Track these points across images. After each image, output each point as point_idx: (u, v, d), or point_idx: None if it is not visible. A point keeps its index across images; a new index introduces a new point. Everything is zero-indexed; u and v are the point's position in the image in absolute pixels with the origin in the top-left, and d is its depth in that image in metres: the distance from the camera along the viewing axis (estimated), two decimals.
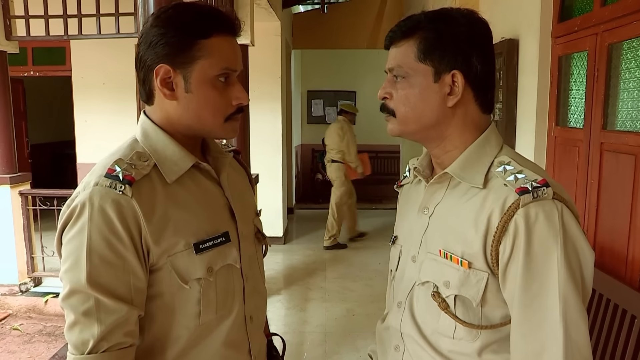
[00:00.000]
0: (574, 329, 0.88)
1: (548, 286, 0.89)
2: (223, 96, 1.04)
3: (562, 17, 2.90)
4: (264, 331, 1.32)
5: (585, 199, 2.58)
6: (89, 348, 0.93)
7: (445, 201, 1.04)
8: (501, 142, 1.06)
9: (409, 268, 1.09)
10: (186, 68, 1.01)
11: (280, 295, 4.74)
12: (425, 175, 1.12)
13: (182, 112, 1.04)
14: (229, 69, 1.03)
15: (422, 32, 0.99)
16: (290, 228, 7.41)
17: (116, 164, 0.98)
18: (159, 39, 1.00)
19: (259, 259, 1.25)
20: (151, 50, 1.01)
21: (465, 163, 1.02)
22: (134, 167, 0.99)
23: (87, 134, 6.26)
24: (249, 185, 1.31)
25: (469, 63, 1.00)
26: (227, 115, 1.06)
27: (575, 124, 2.75)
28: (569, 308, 0.88)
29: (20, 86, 7.30)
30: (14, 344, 3.97)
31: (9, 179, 4.40)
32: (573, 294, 0.89)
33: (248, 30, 4.23)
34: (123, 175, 0.96)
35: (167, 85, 1.03)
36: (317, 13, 8.04)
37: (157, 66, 1.01)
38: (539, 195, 0.90)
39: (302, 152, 10.09)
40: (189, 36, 1.00)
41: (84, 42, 5.59)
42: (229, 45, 1.04)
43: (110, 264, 0.95)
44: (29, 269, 4.64)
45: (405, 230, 1.14)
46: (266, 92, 6.31)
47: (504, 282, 0.94)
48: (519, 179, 0.94)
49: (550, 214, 0.90)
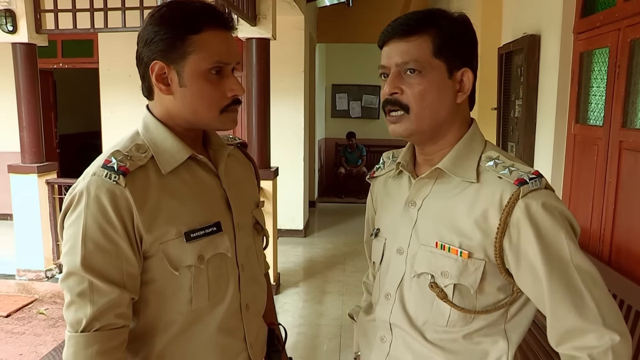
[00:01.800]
0: (596, 289, 0.94)
1: (565, 266, 0.94)
2: (217, 89, 1.06)
3: (585, 12, 2.85)
4: (267, 320, 1.35)
5: (602, 197, 2.54)
6: (82, 326, 0.99)
7: (433, 195, 1.07)
8: (484, 138, 1.10)
9: (395, 260, 1.11)
10: (179, 63, 1.04)
11: (298, 288, 4.78)
12: (409, 170, 1.13)
13: (179, 106, 1.08)
14: (220, 62, 1.05)
15: (437, 28, 1.01)
16: (311, 221, 7.43)
17: (112, 156, 1.04)
18: (154, 36, 1.04)
19: (257, 249, 1.27)
20: (147, 48, 1.05)
21: (456, 159, 1.05)
22: (129, 159, 1.04)
23: (112, 125, 6.40)
24: (252, 178, 1.34)
25: (474, 61, 1.06)
26: (223, 107, 1.08)
27: (595, 121, 2.70)
28: (587, 275, 0.94)
29: (50, 78, 7.46)
30: (39, 328, 4.10)
31: (37, 168, 4.53)
32: (584, 262, 0.95)
33: (269, 24, 4.26)
34: (118, 166, 1.01)
35: (162, 80, 1.07)
36: (342, 7, 7.98)
37: (152, 63, 1.05)
38: (536, 185, 0.96)
39: (325, 146, 10.09)
40: (180, 32, 1.03)
41: (111, 34, 5.68)
42: (220, 39, 1.06)
43: (103, 250, 1.00)
44: (54, 256, 4.78)
45: (389, 223, 1.16)
46: (289, 85, 6.34)
47: (518, 272, 0.98)
48: (513, 171, 0.98)
49: (548, 201, 0.96)
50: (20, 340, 3.90)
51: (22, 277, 4.71)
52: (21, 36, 4.41)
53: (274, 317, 1.42)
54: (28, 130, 4.53)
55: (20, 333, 4.01)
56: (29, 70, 4.50)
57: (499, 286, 1.01)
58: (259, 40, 4.30)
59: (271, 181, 4.47)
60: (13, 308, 4.39)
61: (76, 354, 0.99)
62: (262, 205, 1.33)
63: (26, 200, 4.61)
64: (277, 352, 1.34)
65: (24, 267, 4.72)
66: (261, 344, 1.29)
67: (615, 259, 2.41)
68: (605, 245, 2.51)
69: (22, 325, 4.14)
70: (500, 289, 1.02)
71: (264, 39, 4.31)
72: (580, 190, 2.81)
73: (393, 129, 1.06)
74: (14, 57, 4.48)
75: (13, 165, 4.63)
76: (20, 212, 4.67)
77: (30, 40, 4.43)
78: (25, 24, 4.38)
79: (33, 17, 4.45)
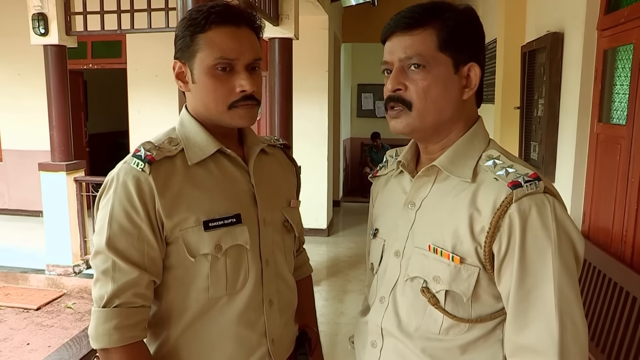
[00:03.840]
0: (569, 319, 0.88)
1: (543, 280, 0.89)
2: (225, 85, 1.10)
3: (609, 8, 2.79)
4: (302, 322, 1.36)
5: (625, 198, 2.49)
6: (103, 302, 1.05)
7: (432, 195, 1.02)
8: (489, 137, 1.05)
9: (392, 263, 1.07)
10: (191, 61, 1.11)
11: (319, 286, 4.80)
12: (410, 169, 1.09)
13: (194, 101, 1.15)
14: (224, 58, 1.08)
15: (441, 21, 0.96)
16: (335, 221, 7.44)
17: (142, 146, 1.11)
18: (176, 38, 1.13)
19: (286, 247, 1.27)
20: (175, 49, 1.15)
21: (454, 156, 1.00)
22: (157, 149, 1.10)
23: (139, 124, 6.53)
24: (291, 178, 1.35)
25: (481, 56, 1.01)
26: (230, 102, 1.10)
27: (618, 120, 2.65)
28: (564, 299, 0.89)
29: (80, 78, 7.64)
30: (67, 321, 4.22)
31: (65, 166, 4.66)
32: (568, 285, 0.89)
33: (292, 23, 4.29)
34: (145, 155, 1.08)
35: (181, 78, 1.15)
36: (368, 6, 7.96)
37: (174, 62, 1.15)
38: (532, 189, 0.90)
39: (351, 145, 10.08)
40: (191, 33, 1.10)
41: (139, 35, 5.81)
42: (227, 36, 1.09)
43: (126, 232, 1.06)
44: (82, 252, 4.91)
45: (389, 223, 1.11)
46: (313, 85, 6.37)
47: (499, 278, 0.94)
48: (510, 173, 0.93)
49: (543, 208, 0.90)
50: (49, 332, 4.02)
51: (52, 272, 4.85)
52: (52, 38, 4.54)
53: (309, 320, 1.42)
54: (57, 129, 4.66)
55: (49, 326, 4.14)
56: (59, 71, 4.63)
57: (495, 294, 0.96)
58: (282, 40, 4.34)
59: None
60: (43, 302, 4.52)
61: (97, 327, 1.05)
62: (297, 205, 1.33)
63: (55, 198, 4.75)
64: (305, 354, 1.33)
65: (53, 262, 4.86)
66: (286, 343, 1.27)
67: (637, 261, 2.36)
68: (627, 246, 2.46)
69: (51, 319, 4.27)
70: (498, 297, 0.96)
71: (286, 38, 4.35)
72: (602, 191, 2.75)
73: (393, 126, 1.01)
74: (45, 58, 4.62)
75: (43, 163, 4.78)
76: (49, 209, 4.81)
77: (60, 42, 4.56)
78: (56, 26, 4.51)
79: (63, 19, 4.58)
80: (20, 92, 7.05)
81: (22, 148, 7.13)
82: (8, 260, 5.23)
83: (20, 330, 4.06)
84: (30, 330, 4.07)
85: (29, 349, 3.77)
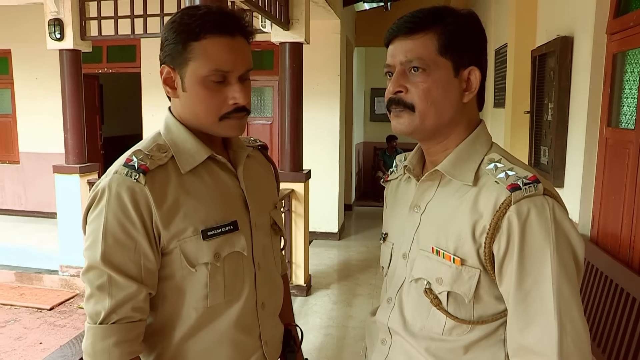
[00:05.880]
0: (568, 320, 0.90)
1: (542, 281, 0.91)
2: (217, 96, 1.07)
3: (619, 12, 2.77)
4: (284, 320, 1.37)
5: (634, 203, 2.46)
6: (100, 318, 1.03)
7: (436, 199, 1.04)
8: (491, 140, 1.06)
9: (400, 265, 1.10)
10: (182, 69, 1.07)
11: (328, 290, 4.80)
12: (415, 173, 1.11)
13: (182, 109, 1.12)
14: (219, 70, 1.06)
15: (442, 26, 0.98)
16: (347, 225, 7.45)
17: (134, 155, 1.07)
18: (165, 42, 1.09)
19: (274, 249, 1.29)
20: (161, 52, 1.10)
21: (457, 160, 1.02)
22: (150, 158, 1.07)
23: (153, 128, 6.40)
24: (272, 180, 1.36)
25: (482, 60, 1.03)
26: (222, 114, 1.09)
27: (627, 125, 2.62)
28: (563, 299, 0.90)
29: (96, 82, 7.75)
30: (79, 321, 4.28)
31: (79, 169, 4.74)
32: (567, 286, 0.91)
33: (302, 28, 4.31)
34: (138, 165, 1.05)
35: (169, 83, 1.11)
36: (381, 10, 7.98)
37: (162, 66, 1.11)
38: (530, 191, 0.92)
39: (364, 149, 10.08)
40: (182, 39, 1.05)
41: (153, 40, 5.89)
42: (221, 47, 1.05)
43: (122, 245, 1.03)
44: None
45: (397, 227, 1.14)
46: (324, 89, 6.39)
47: (500, 279, 0.95)
48: (509, 176, 0.94)
49: (542, 210, 0.91)
50: (62, 332, 4.09)
51: (65, 273, 4.93)
52: (67, 43, 4.63)
53: (291, 318, 1.44)
54: (72, 132, 4.75)
55: (62, 326, 4.20)
56: (74, 75, 4.72)
57: (497, 295, 0.98)
58: (292, 44, 4.36)
59: (303, 184, 4.51)
60: (56, 302, 4.60)
61: (94, 345, 1.03)
62: (280, 207, 1.34)
63: (69, 200, 4.83)
64: (293, 352, 1.35)
65: (66, 263, 4.94)
66: (276, 343, 1.29)
67: None
68: (636, 252, 2.43)
69: (64, 319, 4.34)
70: (499, 299, 0.98)
71: (297, 43, 4.37)
72: (610, 195, 2.72)
73: (394, 126, 1.04)
74: (61, 62, 4.72)
75: (57, 165, 4.86)
76: (63, 210, 4.89)
77: (75, 46, 4.65)
78: (72, 31, 4.60)
79: (79, 24, 4.66)
80: (37, 95, 7.20)
81: (39, 151, 7.27)
82: (23, 260, 5.34)
83: (34, 329, 4.13)
84: (44, 329, 4.14)
85: (42, 347, 3.84)
